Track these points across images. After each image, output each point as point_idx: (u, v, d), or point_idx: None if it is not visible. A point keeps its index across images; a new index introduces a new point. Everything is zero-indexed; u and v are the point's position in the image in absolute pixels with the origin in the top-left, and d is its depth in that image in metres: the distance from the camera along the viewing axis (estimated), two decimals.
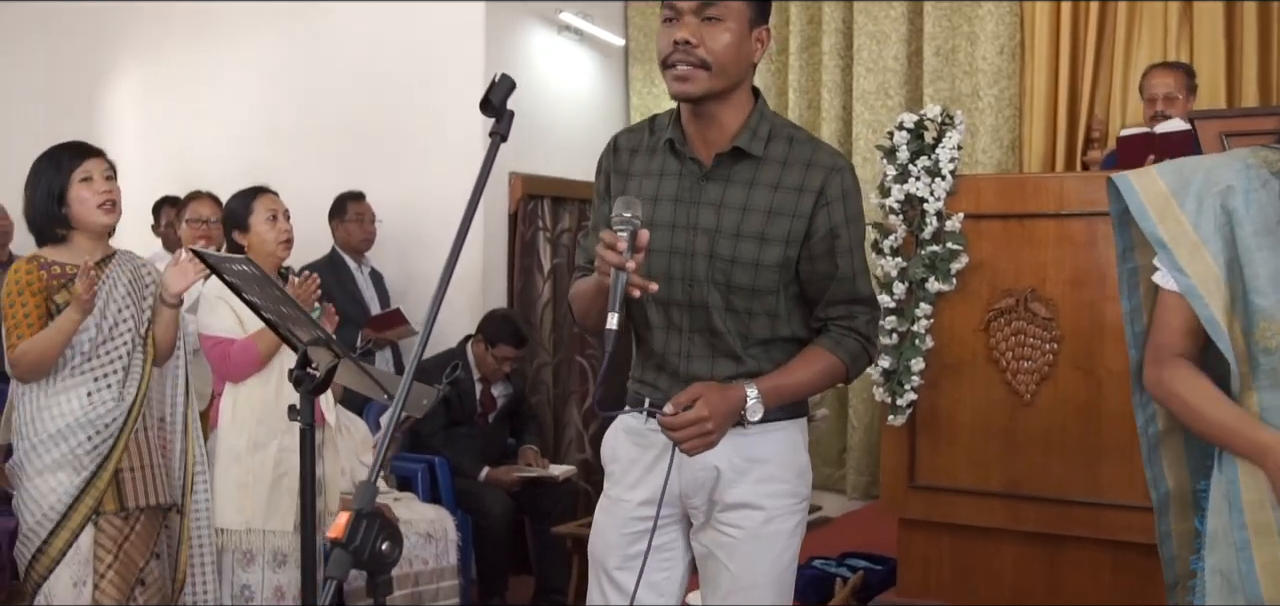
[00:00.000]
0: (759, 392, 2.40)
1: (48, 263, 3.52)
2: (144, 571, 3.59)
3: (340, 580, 1.73)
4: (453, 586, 4.88)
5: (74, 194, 3.53)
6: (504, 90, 2.04)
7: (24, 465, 3.49)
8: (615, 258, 2.20)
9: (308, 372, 2.54)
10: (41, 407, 3.48)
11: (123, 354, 3.57)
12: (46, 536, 3.45)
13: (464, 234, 1.94)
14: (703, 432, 2.32)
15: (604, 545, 2.64)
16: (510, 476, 5.52)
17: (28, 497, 3.48)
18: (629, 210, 2.22)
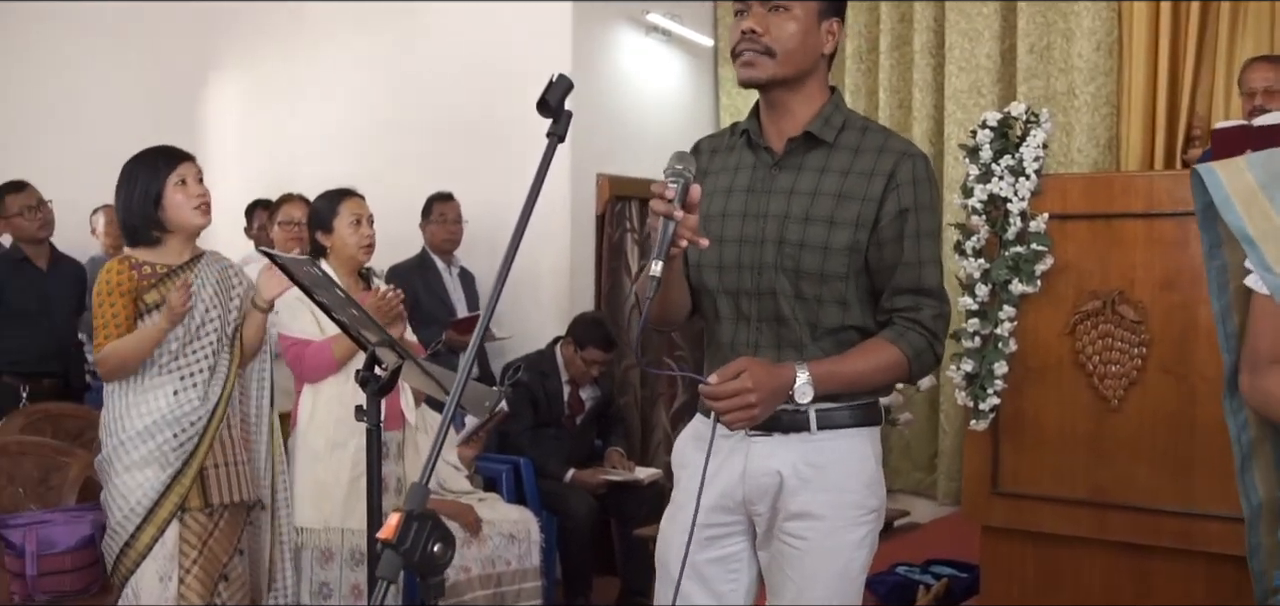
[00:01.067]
0: (810, 375, 2.35)
1: (139, 263, 3.59)
2: (227, 567, 3.65)
3: (390, 581, 1.73)
4: (535, 587, 4.90)
5: (169, 197, 3.59)
6: (561, 91, 2.03)
7: (112, 461, 3.56)
8: (663, 206, 2.18)
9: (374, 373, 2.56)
10: (129, 405, 3.55)
11: (208, 354, 3.63)
12: (133, 531, 3.52)
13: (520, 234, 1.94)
14: (745, 405, 2.26)
15: (669, 551, 2.62)
16: (595, 478, 5.53)
17: (116, 493, 3.55)
18: (681, 163, 2.21)
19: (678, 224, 2.18)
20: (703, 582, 2.58)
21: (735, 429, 2.35)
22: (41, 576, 3.81)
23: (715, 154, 2.63)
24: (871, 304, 2.50)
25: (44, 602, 3.83)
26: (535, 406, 5.62)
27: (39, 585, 3.81)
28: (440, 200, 6.08)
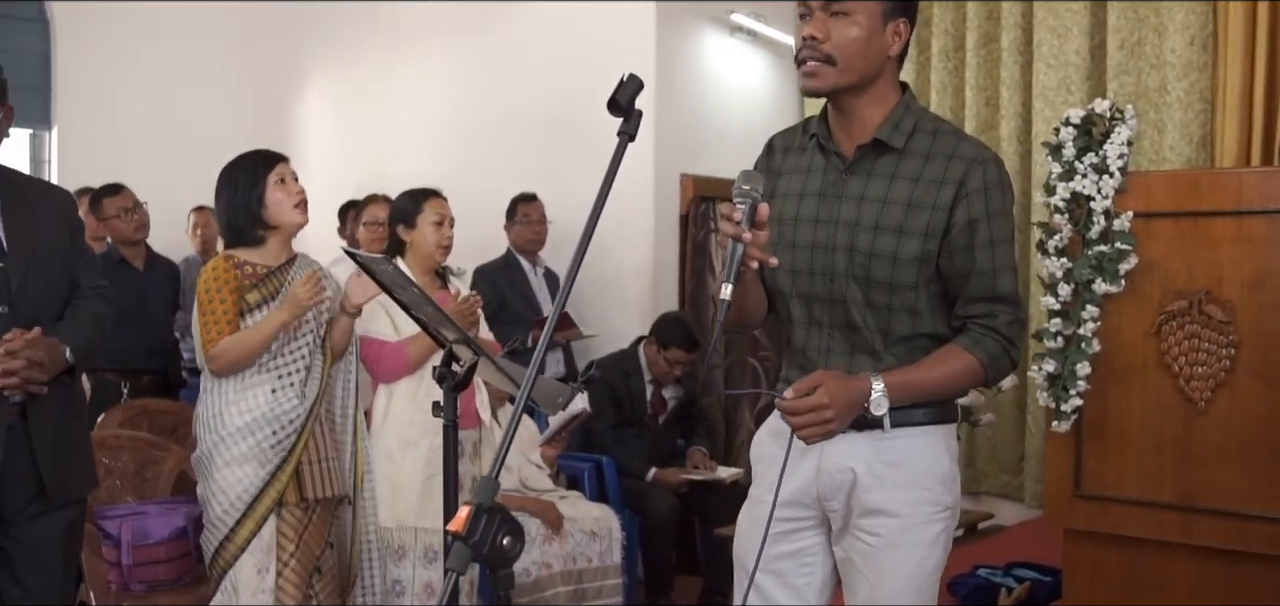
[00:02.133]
0: (885, 386, 2.34)
1: (240, 262, 3.66)
2: (320, 560, 3.72)
3: (460, 573, 1.76)
4: (616, 584, 4.93)
5: (270, 196, 3.67)
6: (631, 90, 2.04)
7: (212, 457, 3.61)
8: (731, 228, 2.19)
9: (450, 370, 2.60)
10: (229, 403, 3.62)
11: (305, 354, 3.69)
12: (233, 526, 3.58)
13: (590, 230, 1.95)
14: (821, 420, 2.27)
15: (745, 548, 2.63)
16: (677, 478, 5.55)
17: (216, 488, 3.60)
18: (748, 183, 2.21)
19: (747, 245, 2.19)
20: (778, 577, 2.58)
21: (811, 443, 2.35)
22: (136, 566, 3.92)
23: (788, 152, 2.61)
24: (944, 310, 2.48)
25: (138, 592, 3.94)
26: (618, 406, 5.65)
27: (133, 574, 3.92)
28: (525, 201, 6.15)
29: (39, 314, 3.06)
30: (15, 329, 2.97)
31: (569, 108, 6.27)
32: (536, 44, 6.64)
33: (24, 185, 3.25)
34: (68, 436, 3.18)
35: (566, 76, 6.35)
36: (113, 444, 4.40)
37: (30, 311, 3.04)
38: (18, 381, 2.95)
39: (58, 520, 3.16)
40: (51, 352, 3.03)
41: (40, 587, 3.15)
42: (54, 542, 3.16)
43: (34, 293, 3.07)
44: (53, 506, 3.13)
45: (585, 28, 6.34)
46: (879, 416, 2.39)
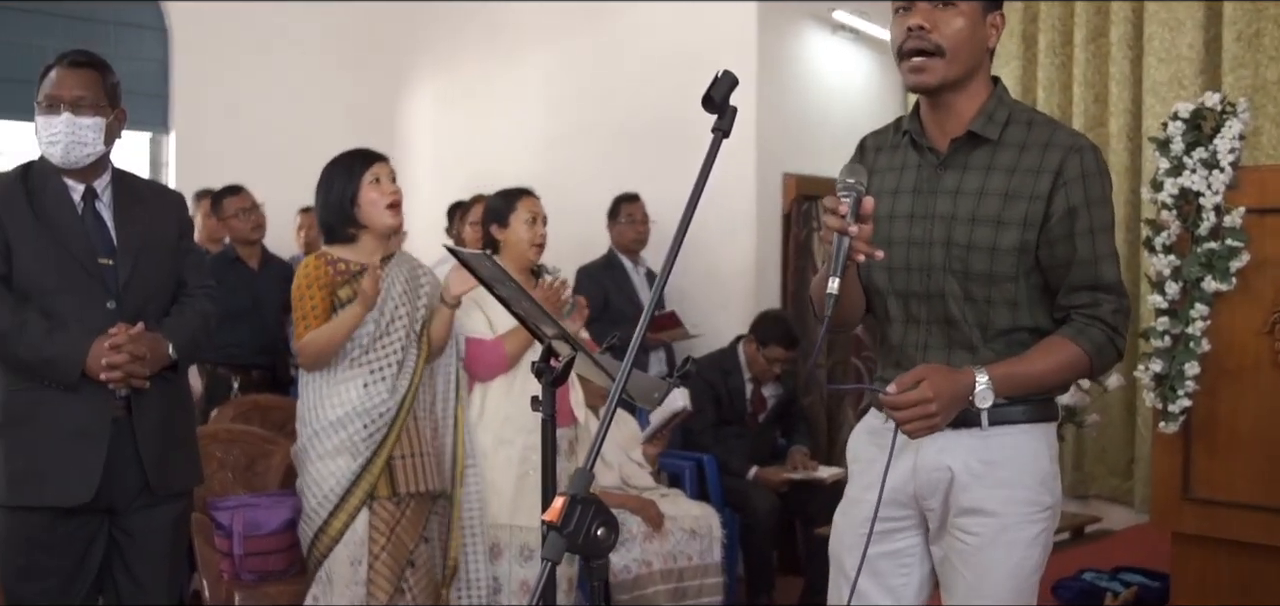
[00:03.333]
0: (990, 379, 2.32)
1: (334, 259, 3.75)
2: (413, 553, 3.78)
3: (555, 563, 1.78)
4: (716, 583, 4.92)
5: (364, 196, 3.75)
6: (726, 86, 2.05)
7: (308, 450, 3.72)
8: (837, 222, 2.19)
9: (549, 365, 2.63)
10: (323, 396, 3.71)
11: (397, 349, 3.76)
12: (326, 517, 3.68)
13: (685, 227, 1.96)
14: (926, 414, 2.26)
15: (841, 546, 2.63)
16: (778, 477, 5.54)
17: (311, 481, 3.71)
18: (853, 176, 2.21)
19: (852, 239, 2.19)
20: (875, 577, 2.57)
21: (915, 437, 2.34)
22: (247, 556, 4.02)
23: (880, 151, 2.61)
24: (1044, 302, 2.45)
25: (249, 581, 4.04)
26: (718, 404, 5.66)
27: (244, 565, 4.02)
28: (627, 201, 6.18)
29: (145, 310, 3.16)
30: (120, 324, 3.08)
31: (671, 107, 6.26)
32: (639, 44, 6.68)
33: (137, 186, 3.36)
34: (171, 431, 3.27)
35: (668, 76, 6.37)
36: (225, 437, 4.52)
37: (136, 307, 3.15)
38: (121, 375, 3.05)
39: (165, 512, 3.26)
40: (155, 348, 3.13)
41: (149, 577, 3.25)
42: (161, 534, 3.26)
43: (140, 289, 3.17)
44: (159, 499, 3.22)
45: (687, 27, 6.36)
46: (978, 412, 2.37)
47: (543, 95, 7.26)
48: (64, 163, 3.13)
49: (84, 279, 3.11)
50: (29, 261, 3.07)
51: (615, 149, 6.73)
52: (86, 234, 3.14)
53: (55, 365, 3.03)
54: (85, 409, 3.08)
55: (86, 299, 3.10)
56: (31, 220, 3.09)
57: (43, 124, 3.11)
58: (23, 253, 3.07)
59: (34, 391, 3.08)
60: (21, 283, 3.07)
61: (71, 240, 3.11)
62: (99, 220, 3.17)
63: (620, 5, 6.73)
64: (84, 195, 3.17)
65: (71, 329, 3.05)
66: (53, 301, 3.07)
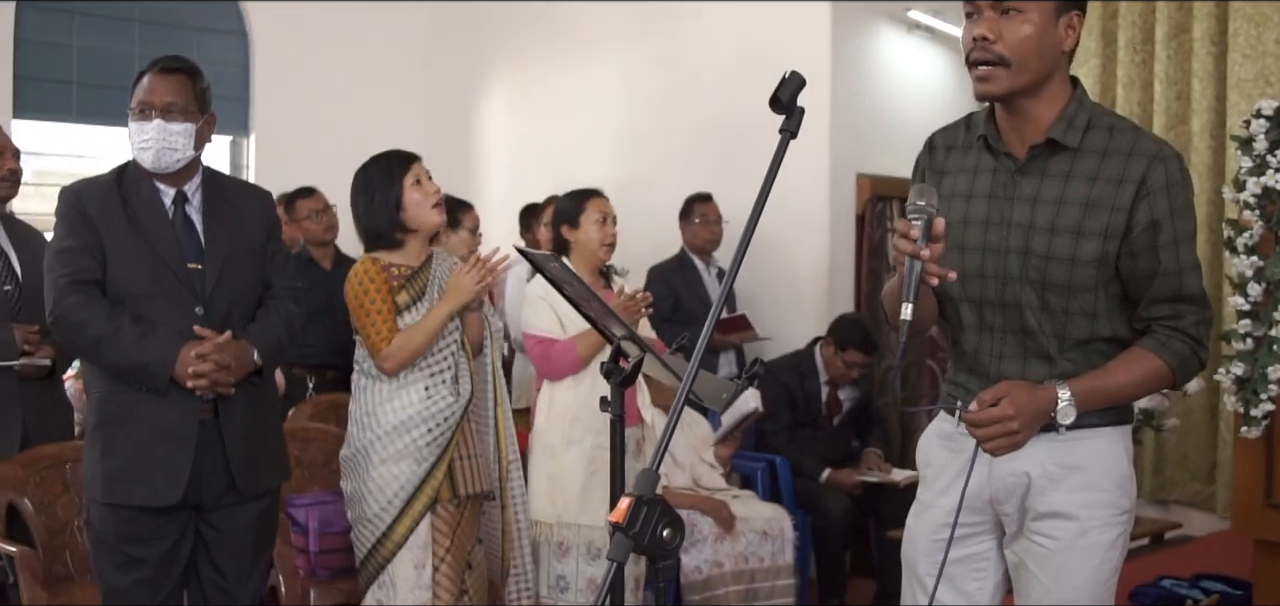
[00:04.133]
0: (1072, 395, 2.30)
1: (386, 264, 3.73)
2: (471, 555, 3.78)
3: (620, 563, 1.79)
4: (788, 585, 4.91)
5: (408, 198, 3.74)
6: (793, 87, 2.04)
7: (367, 455, 3.67)
8: (908, 246, 2.17)
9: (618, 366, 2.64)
10: (383, 401, 3.68)
11: (453, 350, 3.74)
12: (390, 523, 3.64)
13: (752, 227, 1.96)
14: (1008, 432, 2.25)
15: (915, 550, 2.62)
16: (851, 479, 5.50)
17: (372, 486, 3.66)
18: (923, 198, 2.18)
19: (924, 262, 2.16)
20: (949, 582, 2.55)
21: (997, 455, 2.32)
22: (322, 553, 4.07)
23: (950, 151, 2.56)
24: (1123, 311, 2.41)
25: (324, 577, 4.09)
26: (793, 406, 5.63)
27: (319, 561, 4.08)
28: (700, 201, 6.17)
29: (232, 313, 3.23)
30: (207, 331, 3.14)
31: (744, 107, 6.23)
32: (713, 44, 6.66)
33: (226, 187, 3.42)
34: (257, 432, 3.34)
35: (742, 77, 6.34)
36: (302, 436, 4.58)
37: (223, 312, 3.21)
38: (207, 383, 3.12)
39: (250, 510, 3.33)
40: (240, 355, 3.19)
41: (234, 572, 3.33)
42: (246, 530, 3.34)
43: (227, 294, 3.24)
44: (245, 498, 3.29)
45: (760, 27, 6.33)
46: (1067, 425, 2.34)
47: (616, 96, 7.27)
48: (155, 168, 3.20)
49: (174, 284, 3.18)
50: (122, 265, 3.15)
51: (688, 149, 6.72)
52: (176, 239, 3.21)
53: (146, 370, 3.11)
54: (174, 413, 3.16)
55: (176, 304, 3.17)
56: (125, 225, 3.16)
57: (135, 130, 3.18)
58: (116, 257, 3.15)
59: (127, 394, 3.16)
60: (114, 286, 3.15)
61: (162, 245, 3.18)
62: (189, 224, 3.24)
63: (694, 5, 6.72)
64: (175, 199, 3.24)
65: (161, 334, 3.12)
66: (144, 305, 3.15)
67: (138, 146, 3.19)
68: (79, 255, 3.13)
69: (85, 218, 3.15)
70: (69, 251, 3.14)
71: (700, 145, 6.64)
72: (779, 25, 6.25)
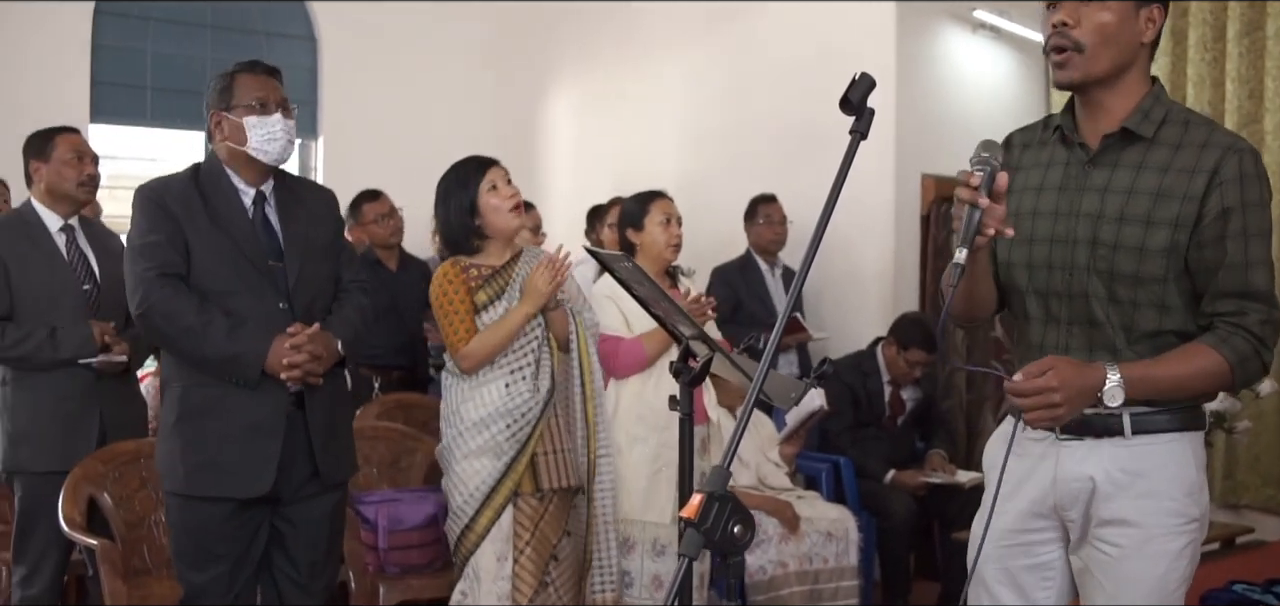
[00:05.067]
0: (1121, 378, 2.26)
1: (466, 266, 3.79)
2: (557, 548, 3.82)
3: (692, 558, 1.80)
4: (852, 586, 4.89)
5: (484, 203, 3.78)
6: (863, 88, 2.05)
7: (452, 450, 3.77)
8: (969, 193, 2.17)
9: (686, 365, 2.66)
10: (465, 398, 3.76)
11: (534, 347, 3.78)
12: (472, 515, 3.72)
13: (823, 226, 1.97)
14: (1049, 404, 2.21)
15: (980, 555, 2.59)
16: (915, 480, 5.48)
17: (456, 480, 3.75)
18: (988, 151, 2.19)
19: (983, 212, 2.16)
20: (1017, 589, 2.54)
21: (1038, 428, 2.31)
22: (391, 550, 4.13)
23: (1026, 149, 2.57)
24: (1193, 307, 2.38)
25: (393, 574, 4.14)
26: (856, 406, 5.62)
27: (388, 558, 4.13)
28: (764, 201, 6.18)
29: (312, 308, 3.31)
30: (297, 323, 3.21)
31: (809, 109, 6.26)
32: (776, 45, 6.66)
33: (296, 186, 3.50)
34: (336, 423, 3.43)
35: (806, 77, 6.34)
36: (370, 435, 4.65)
37: (304, 306, 3.29)
38: (300, 373, 3.19)
39: (325, 501, 3.41)
40: (328, 346, 3.26)
41: (307, 564, 3.40)
42: (322, 522, 3.41)
43: (307, 289, 3.32)
44: (323, 489, 3.37)
45: (824, 28, 6.33)
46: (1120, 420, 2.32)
47: (682, 96, 7.30)
48: (278, 160, 3.30)
49: (257, 279, 3.24)
50: (205, 261, 3.21)
51: (753, 150, 6.73)
52: (258, 236, 3.27)
53: (238, 362, 3.16)
54: (262, 404, 3.22)
55: (260, 299, 3.24)
56: (207, 221, 3.23)
57: (256, 124, 3.24)
58: (200, 252, 3.21)
59: (213, 387, 3.21)
60: (199, 282, 3.21)
61: (245, 242, 3.25)
62: (267, 223, 3.31)
63: (759, 5, 6.73)
64: (255, 199, 3.31)
65: (251, 327, 3.19)
66: (229, 301, 3.21)
67: (262, 139, 3.24)
68: (164, 249, 3.17)
69: (168, 213, 3.20)
70: (154, 246, 3.18)
71: (765, 145, 6.65)
72: (844, 26, 6.24)
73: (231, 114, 3.26)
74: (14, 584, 4.00)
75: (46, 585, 3.98)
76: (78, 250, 4.08)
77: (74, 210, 4.12)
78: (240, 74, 3.30)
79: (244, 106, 3.25)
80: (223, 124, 3.28)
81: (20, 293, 3.94)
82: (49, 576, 3.98)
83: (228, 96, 3.27)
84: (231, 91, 3.27)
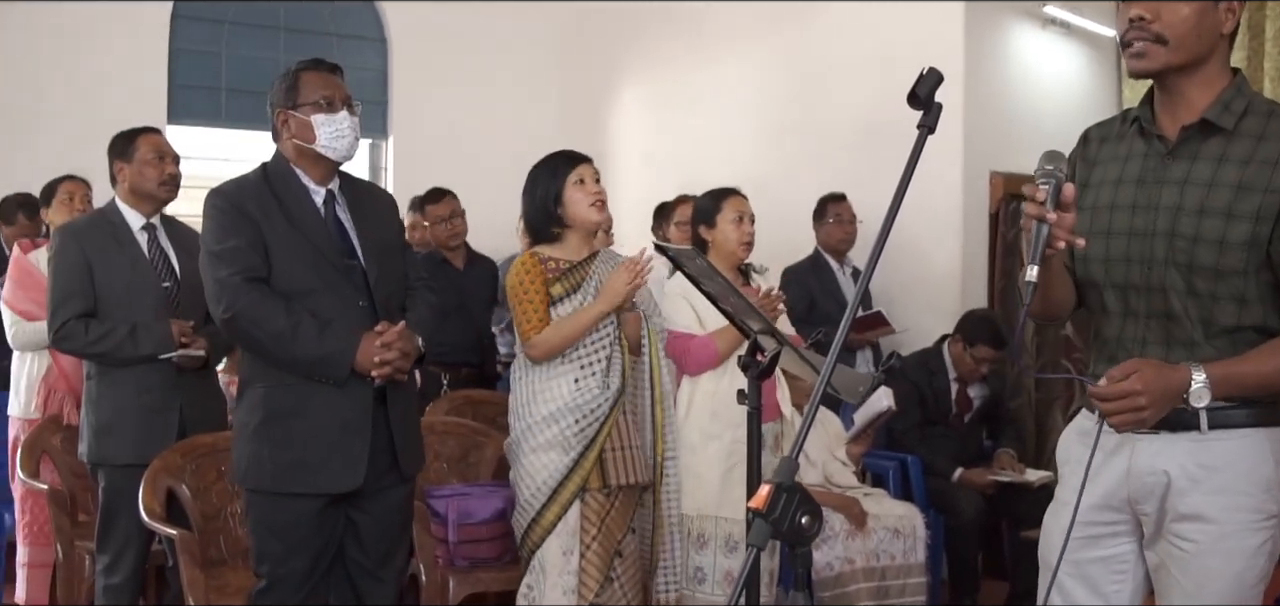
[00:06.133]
0: (1207, 378, 2.24)
1: (544, 258, 3.84)
2: (622, 544, 3.85)
3: (760, 548, 1.82)
4: (919, 583, 4.87)
5: (568, 196, 3.82)
6: (931, 83, 2.06)
7: (521, 443, 3.81)
8: (1035, 209, 2.16)
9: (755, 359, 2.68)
10: (535, 392, 3.79)
11: (605, 345, 3.81)
12: (539, 509, 3.75)
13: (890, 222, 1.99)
14: (1134, 408, 2.20)
15: (1050, 548, 2.58)
16: (983, 479, 5.45)
17: (524, 473, 3.79)
18: (1051, 163, 2.18)
19: (1051, 226, 2.16)
20: (1088, 583, 2.53)
21: (1121, 431, 2.29)
22: (460, 543, 4.17)
23: (1104, 143, 2.56)
24: (1273, 300, 2.35)
25: (463, 567, 4.19)
26: (923, 404, 5.60)
27: (458, 551, 4.18)
28: (833, 201, 6.16)
29: (389, 306, 3.35)
30: (384, 322, 3.26)
31: (877, 107, 6.22)
32: (843, 43, 6.65)
33: (360, 187, 3.56)
34: (412, 417, 3.50)
35: (874, 76, 6.32)
36: (440, 430, 4.70)
37: (383, 305, 3.33)
38: (390, 370, 3.24)
39: (399, 493, 3.47)
40: (411, 343, 3.31)
41: (382, 553, 3.46)
42: (396, 513, 3.48)
43: (384, 287, 3.37)
44: (399, 481, 3.43)
45: (892, 26, 6.30)
46: (1196, 414, 2.30)
47: (749, 96, 7.29)
48: (345, 157, 3.34)
49: (336, 278, 3.29)
50: (287, 263, 3.25)
51: (821, 149, 6.71)
52: (333, 236, 3.32)
53: (328, 362, 3.21)
54: (349, 402, 3.26)
55: (342, 299, 3.28)
56: (284, 222, 3.26)
57: (323, 121, 3.28)
58: (279, 253, 3.24)
59: (298, 387, 3.25)
60: (280, 284, 3.24)
61: (322, 242, 3.29)
62: (339, 222, 3.36)
63: (826, 4, 6.71)
64: (325, 199, 3.35)
65: (338, 327, 3.23)
66: (313, 301, 3.24)
67: (330, 136, 3.28)
68: (246, 253, 3.21)
69: (245, 215, 3.24)
70: (234, 250, 3.21)
71: (834, 144, 6.63)
72: (912, 22, 6.21)
73: (298, 112, 3.30)
74: (97, 572, 4.10)
75: (128, 574, 4.08)
76: (159, 248, 4.17)
77: (156, 209, 4.21)
78: (305, 72, 3.34)
79: (310, 104, 3.29)
80: (289, 122, 3.32)
81: (103, 290, 4.04)
82: (131, 565, 4.08)
83: (294, 94, 3.31)
84: (297, 89, 3.31)
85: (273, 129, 3.40)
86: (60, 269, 4.07)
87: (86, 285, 4.03)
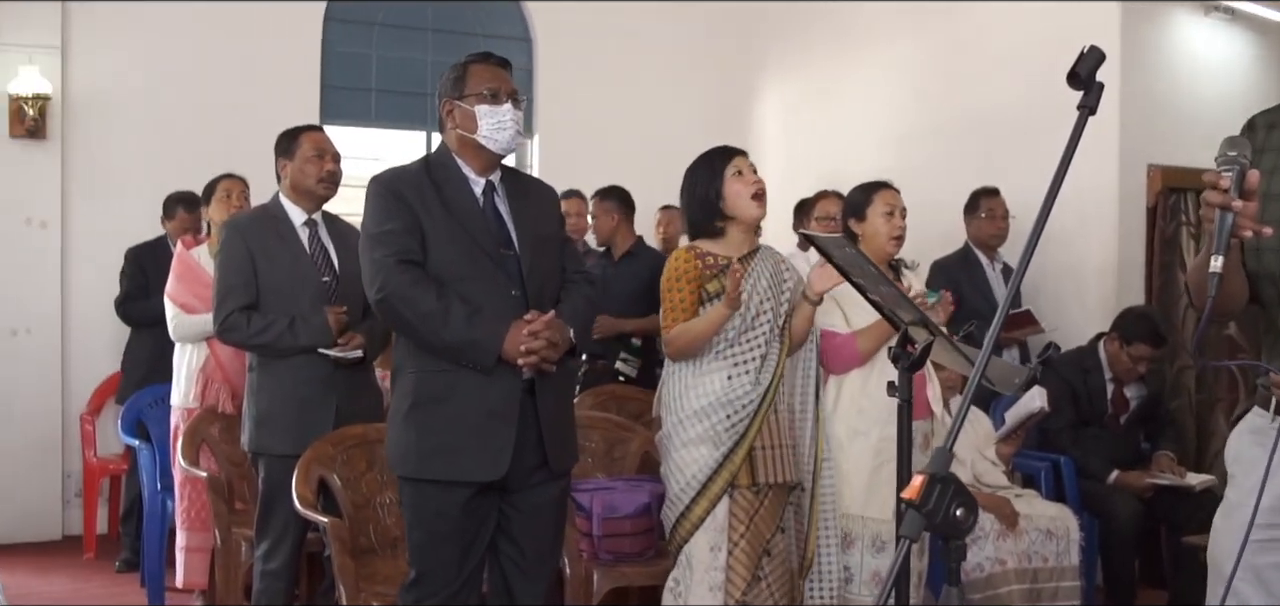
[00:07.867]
0: None
1: (703, 253, 3.84)
2: (770, 543, 3.82)
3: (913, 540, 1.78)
4: (1073, 587, 4.74)
5: (729, 188, 3.83)
6: (1092, 62, 1.98)
7: (672, 437, 3.82)
8: (1218, 198, 2.07)
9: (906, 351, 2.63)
10: (688, 387, 3.80)
11: (761, 342, 3.80)
12: (688, 503, 3.75)
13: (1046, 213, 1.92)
14: None
15: (1222, 552, 2.48)
16: (1141, 482, 5.28)
17: (674, 467, 3.80)
18: (1235, 149, 2.08)
19: (1237, 215, 2.07)
20: (1264, 587, 2.43)
21: None
22: (605, 537, 4.19)
23: (1272, 130, 2.46)
24: None
25: (607, 561, 4.21)
26: (1076, 404, 5.45)
27: (602, 546, 4.19)
28: (987, 195, 6.04)
29: (542, 296, 3.35)
30: (533, 310, 3.27)
31: (1028, 100, 6.10)
32: (994, 36, 6.52)
33: (521, 180, 3.60)
34: (564, 411, 3.48)
35: (1026, 68, 6.18)
36: (586, 424, 4.72)
37: (536, 295, 3.33)
38: (537, 360, 3.23)
39: (552, 489, 3.44)
40: (561, 334, 3.30)
41: (534, 550, 3.43)
42: (548, 509, 3.44)
43: (538, 278, 3.37)
44: (550, 477, 3.41)
45: (1045, 17, 6.14)
46: None
47: (895, 91, 7.21)
48: (506, 149, 3.38)
49: (491, 268, 3.30)
50: (442, 249, 3.28)
51: (969, 144, 6.59)
52: (489, 226, 3.34)
53: (476, 348, 3.22)
54: (497, 391, 3.26)
55: (494, 287, 3.29)
56: (442, 210, 3.30)
57: (487, 112, 3.33)
58: (435, 240, 3.28)
59: (448, 374, 3.27)
60: (435, 269, 3.28)
61: (478, 231, 3.32)
62: (497, 213, 3.38)
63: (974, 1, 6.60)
64: (485, 190, 3.39)
65: (488, 314, 3.24)
66: (465, 288, 3.27)
67: (492, 127, 3.32)
68: (402, 237, 3.26)
69: (403, 201, 3.29)
70: (391, 234, 3.26)
71: (982, 139, 6.51)
72: (1066, 11, 6.05)
73: (464, 103, 3.34)
74: (256, 558, 4.23)
75: (285, 561, 4.19)
76: (319, 243, 4.28)
77: (316, 205, 4.32)
78: (473, 64, 3.39)
79: (476, 95, 3.32)
80: (454, 112, 3.37)
81: (266, 283, 4.17)
82: (288, 553, 4.19)
83: (461, 86, 3.36)
84: (464, 81, 3.36)
85: (438, 120, 3.46)
86: (226, 262, 4.21)
87: (250, 278, 4.16)
